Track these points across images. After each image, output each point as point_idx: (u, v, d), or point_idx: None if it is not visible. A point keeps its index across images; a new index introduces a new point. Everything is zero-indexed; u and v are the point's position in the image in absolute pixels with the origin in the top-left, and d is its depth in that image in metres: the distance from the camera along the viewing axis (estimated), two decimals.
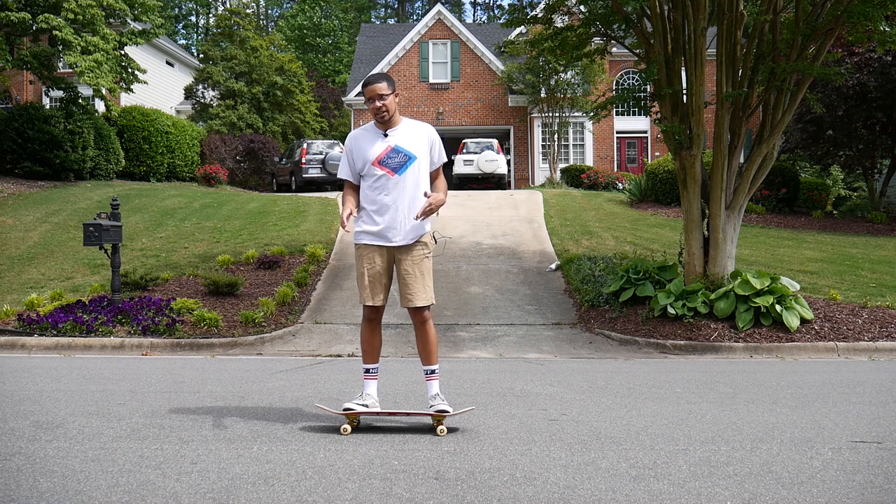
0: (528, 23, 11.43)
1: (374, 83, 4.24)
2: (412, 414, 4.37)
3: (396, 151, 4.27)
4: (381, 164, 4.27)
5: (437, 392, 4.29)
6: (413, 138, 4.32)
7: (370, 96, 4.24)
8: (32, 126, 18.87)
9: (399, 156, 4.27)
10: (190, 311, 9.10)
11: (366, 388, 4.34)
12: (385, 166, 4.26)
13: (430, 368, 4.32)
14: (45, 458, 3.60)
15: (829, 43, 9.38)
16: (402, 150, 4.27)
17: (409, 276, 4.27)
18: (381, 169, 4.27)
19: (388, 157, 4.26)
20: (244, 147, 25.71)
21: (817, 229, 17.00)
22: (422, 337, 4.32)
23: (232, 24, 30.99)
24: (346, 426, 4.18)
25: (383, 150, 4.27)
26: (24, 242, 13.19)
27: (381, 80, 4.27)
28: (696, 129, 9.19)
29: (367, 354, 4.39)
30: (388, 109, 4.25)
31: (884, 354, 8.18)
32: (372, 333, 4.36)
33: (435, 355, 4.33)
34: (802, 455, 3.76)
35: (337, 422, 4.37)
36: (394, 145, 4.27)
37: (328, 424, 4.36)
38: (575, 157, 29.03)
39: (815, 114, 17.33)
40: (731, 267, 9.38)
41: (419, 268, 4.29)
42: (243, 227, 14.77)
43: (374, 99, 4.23)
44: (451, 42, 29.83)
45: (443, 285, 11.14)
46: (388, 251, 4.30)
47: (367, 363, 4.39)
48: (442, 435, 4.10)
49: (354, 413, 4.22)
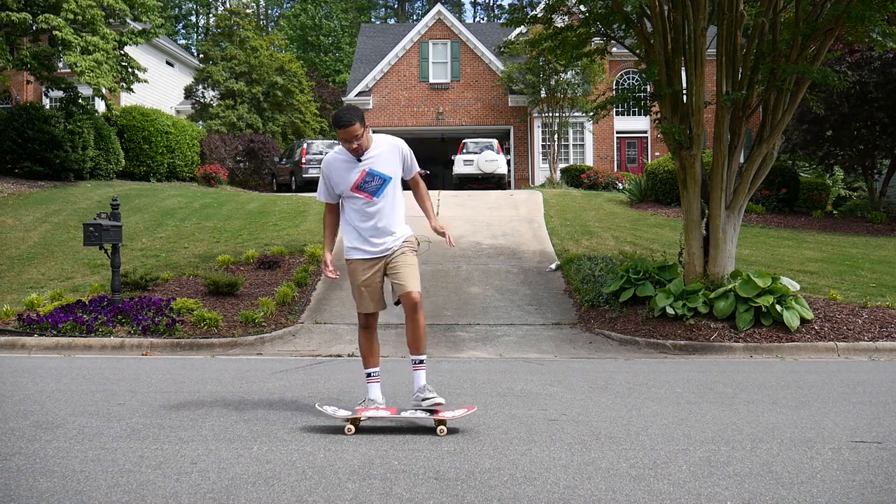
0: (528, 23, 11.43)
1: (347, 126, 4.28)
2: (412, 418, 4.40)
3: (372, 175, 4.42)
4: (360, 189, 4.43)
5: (424, 384, 4.36)
6: (385, 159, 4.46)
7: (346, 138, 4.33)
8: (32, 126, 18.86)
9: (375, 179, 4.42)
10: (190, 311, 9.10)
11: (370, 395, 4.46)
12: (363, 191, 4.43)
13: (420, 358, 4.41)
14: (45, 458, 3.60)
15: (830, 43, 9.38)
16: (377, 174, 4.43)
17: (400, 267, 4.42)
18: (360, 194, 4.43)
19: (364, 181, 4.42)
20: (244, 147, 25.71)
21: (817, 229, 16.99)
22: (414, 325, 4.39)
23: (232, 24, 30.97)
24: (351, 426, 4.22)
25: (359, 175, 4.41)
26: (24, 242, 13.19)
27: (354, 120, 4.30)
28: (696, 129, 9.19)
29: (367, 359, 4.53)
30: (363, 147, 4.37)
31: (884, 354, 8.18)
32: (369, 340, 4.54)
33: (424, 343, 4.43)
34: (802, 455, 3.76)
35: (339, 423, 4.37)
36: (368, 169, 4.41)
37: (328, 424, 4.36)
38: (575, 157, 29.02)
39: (815, 114, 17.33)
40: (731, 267, 9.38)
41: (408, 260, 4.46)
42: (243, 227, 14.77)
43: (350, 141, 4.33)
44: (451, 42, 29.83)
45: (443, 285, 11.14)
46: (377, 261, 4.48)
47: (369, 367, 4.51)
48: (442, 435, 4.11)
49: (355, 417, 4.28)
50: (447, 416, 4.24)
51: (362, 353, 4.57)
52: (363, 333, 4.57)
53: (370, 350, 4.53)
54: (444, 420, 4.21)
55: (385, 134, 4.67)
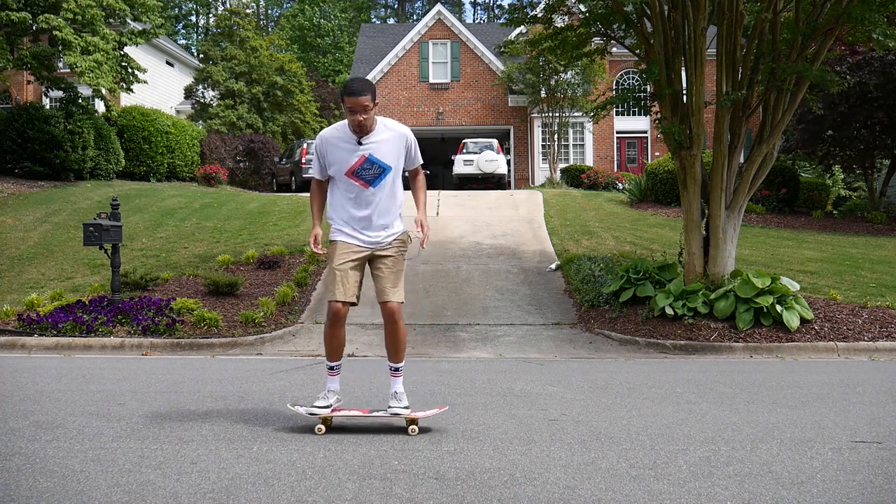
0: (528, 23, 11.43)
1: (358, 94, 3.97)
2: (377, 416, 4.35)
3: (371, 163, 4.12)
4: (356, 175, 4.14)
5: (395, 391, 4.24)
6: (389, 146, 4.16)
7: (353, 108, 4.01)
8: (32, 126, 18.86)
9: (374, 167, 4.13)
10: (190, 311, 9.10)
11: (330, 385, 4.28)
12: (359, 178, 4.14)
13: (397, 366, 4.28)
14: (45, 458, 3.60)
15: (830, 43, 9.38)
16: (377, 162, 4.13)
17: (388, 272, 4.21)
18: (355, 181, 4.14)
19: (362, 168, 4.12)
20: (244, 147, 25.71)
21: (817, 229, 17.00)
22: (395, 335, 4.24)
23: (232, 24, 30.97)
24: (321, 426, 4.18)
25: (357, 160, 4.11)
26: (24, 242, 13.19)
27: (366, 90, 4.01)
28: (696, 129, 9.19)
29: (333, 352, 4.25)
30: (369, 123, 4.08)
31: (884, 354, 8.18)
32: (338, 331, 4.19)
33: (403, 353, 4.29)
34: (802, 455, 3.76)
35: (338, 423, 4.37)
36: (368, 155, 4.11)
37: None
38: (575, 157, 29.03)
39: (815, 113, 17.33)
40: (731, 267, 9.38)
41: (397, 265, 4.25)
42: (243, 227, 14.77)
43: (357, 112, 4.01)
44: (451, 42, 29.83)
45: (443, 285, 11.14)
46: (364, 249, 4.22)
47: (333, 361, 4.27)
48: (413, 434, 4.10)
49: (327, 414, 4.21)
50: (419, 415, 4.24)
51: (328, 345, 4.23)
52: (330, 323, 4.16)
53: (339, 341, 4.20)
54: (415, 419, 4.20)
55: (389, 119, 4.32)
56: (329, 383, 4.28)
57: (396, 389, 4.26)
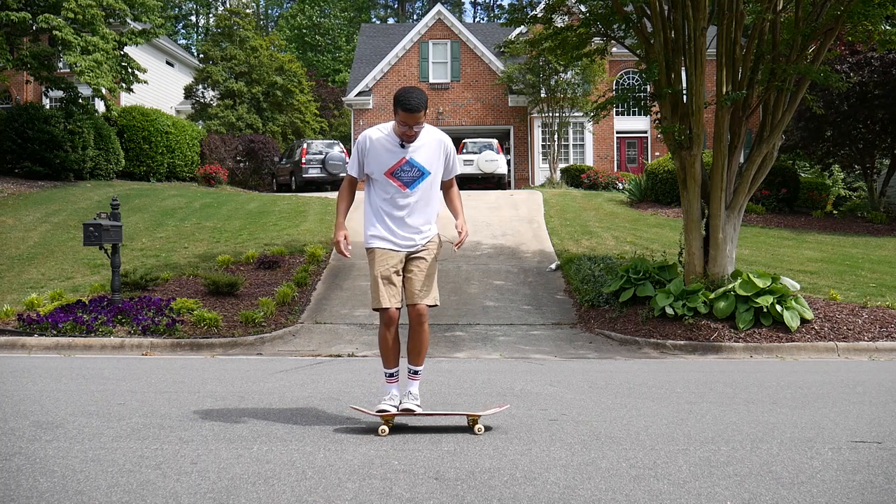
0: (528, 23, 11.44)
1: (415, 111, 4.00)
2: (450, 414, 4.41)
3: (410, 165, 4.15)
4: (394, 175, 4.15)
5: (408, 391, 4.24)
6: (429, 152, 4.20)
7: (407, 122, 4.04)
8: (32, 126, 18.86)
9: (413, 170, 4.16)
10: (190, 311, 9.10)
11: (392, 391, 4.28)
12: (397, 179, 4.16)
13: (418, 369, 4.30)
14: (45, 458, 3.60)
15: (830, 42, 9.38)
16: (417, 165, 4.16)
17: (421, 274, 4.21)
18: (392, 181, 4.16)
19: (401, 169, 4.15)
20: (244, 147, 25.71)
21: (817, 229, 17.00)
22: (419, 336, 4.25)
23: (232, 24, 30.98)
24: (384, 427, 4.14)
25: (397, 161, 4.14)
26: (24, 242, 13.19)
27: (422, 106, 4.02)
28: (696, 129, 9.19)
29: (387, 359, 4.28)
30: (417, 136, 4.12)
31: (884, 354, 8.18)
32: (391, 338, 4.22)
33: (424, 355, 4.32)
34: (802, 455, 3.76)
35: (338, 423, 4.37)
36: (409, 158, 4.14)
37: (328, 425, 4.36)
38: (575, 157, 29.02)
39: (815, 113, 17.34)
40: (731, 267, 9.38)
41: (430, 268, 4.26)
42: (243, 227, 14.77)
43: (410, 126, 4.05)
44: (451, 42, 29.82)
45: (443, 285, 11.14)
46: (400, 255, 4.23)
47: (390, 367, 4.29)
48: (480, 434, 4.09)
49: (390, 414, 4.18)
50: (481, 413, 4.24)
51: (382, 352, 4.26)
52: (384, 330, 4.20)
53: (391, 348, 4.22)
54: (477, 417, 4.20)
55: (429, 125, 4.29)
56: (391, 389, 4.27)
57: (411, 390, 4.28)
